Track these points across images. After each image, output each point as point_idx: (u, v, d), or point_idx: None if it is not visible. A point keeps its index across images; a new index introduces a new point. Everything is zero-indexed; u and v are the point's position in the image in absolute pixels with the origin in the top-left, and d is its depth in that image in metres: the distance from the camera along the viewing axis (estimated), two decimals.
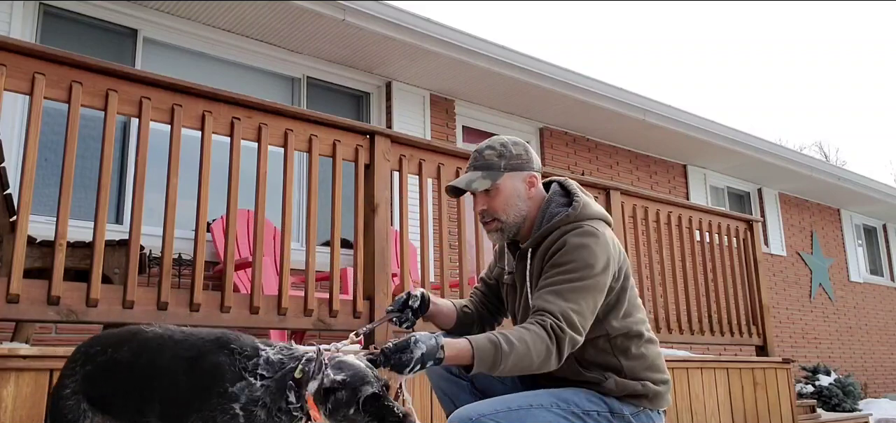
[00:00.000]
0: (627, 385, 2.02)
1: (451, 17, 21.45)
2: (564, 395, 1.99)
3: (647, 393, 2.03)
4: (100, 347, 1.79)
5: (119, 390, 1.74)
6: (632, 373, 2.04)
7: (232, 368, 1.67)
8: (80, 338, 4.41)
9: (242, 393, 1.65)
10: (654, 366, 2.08)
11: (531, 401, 1.95)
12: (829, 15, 51.72)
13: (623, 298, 2.05)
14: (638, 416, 2.03)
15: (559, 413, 1.95)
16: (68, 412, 1.73)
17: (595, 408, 1.99)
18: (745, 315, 5.12)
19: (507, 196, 2.07)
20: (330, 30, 5.63)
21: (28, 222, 2.43)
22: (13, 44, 2.50)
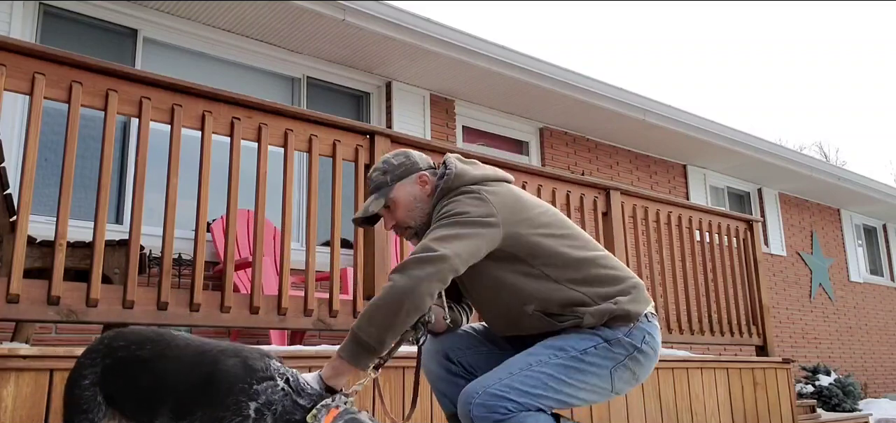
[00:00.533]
0: (602, 311, 1.99)
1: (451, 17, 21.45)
2: (559, 343, 1.99)
3: (622, 309, 2.01)
4: (123, 342, 1.78)
5: (134, 385, 1.73)
6: (600, 297, 2.02)
7: (259, 365, 1.68)
8: (80, 338, 4.41)
9: (264, 393, 1.64)
10: (614, 279, 2.06)
11: (530, 360, 1.96)
12: (830, 15, 51.73)
13: (548, 242, 2.03)
14: (631, 333, 2.02)
15: (560, 362, 1.96)
16: (84, 403, 1.73)
17: (591, 344, 1.99)
18: (745, 315, 5.12)
19: (406, 203, 2.14)
20: (330, 30, 5.63)
21: (28, 222, 2.43)
22: (13, 44, 2.50)
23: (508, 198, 2.06)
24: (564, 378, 1.95)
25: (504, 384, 1.92)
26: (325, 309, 3.12)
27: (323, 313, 3.11)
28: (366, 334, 1.83)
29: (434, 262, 1.86)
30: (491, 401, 1.90)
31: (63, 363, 2.31)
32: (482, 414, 1.90)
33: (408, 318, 1.85)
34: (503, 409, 1.90)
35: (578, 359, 1.97)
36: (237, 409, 1.62)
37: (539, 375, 1.94)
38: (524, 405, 1.91)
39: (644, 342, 2.03)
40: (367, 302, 3.20)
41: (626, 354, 2.01)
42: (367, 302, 1.91)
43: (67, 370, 2.27)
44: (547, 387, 1.94)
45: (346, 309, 3.18)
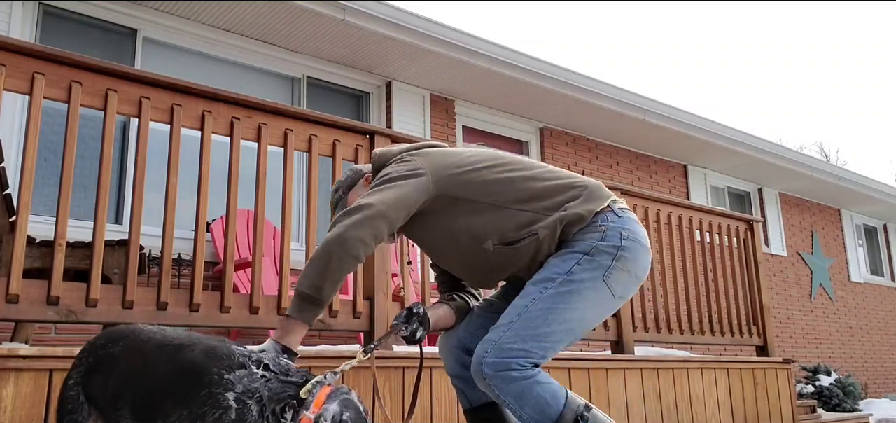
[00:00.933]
0: (554, 221, 1.99)
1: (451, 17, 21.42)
2: (543, 275, 1.99)
3: (574, 214, 2.00)
4: (104, 341, 1.77)
5: (105, 383, 1.70)
6: (548, 209, 2.02)
7: (230, 356, 1.63)
8: (80, 338, 4.41)
9: (240, 382, 1.59)
10: (560, 188, 2.05)
11: (524, 303, 1.96)
12: (830, 15, 51.72)
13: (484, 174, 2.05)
14: (606, 236, 1.99)
15: (552, 292, 1.95)
16: (69, 403, 1.72)
17: (573, 262, 1.97)
18: (746, 315, 5.11)
19: None
20: (330, 30, 5.63)
21: (28, 222, 2.43)
22: (13, 44, 2.49)
23: (433, 152, 2.13)
24: (563, 306, 1.94)
25: (509, 335, 1.92)
26: (325, 309, 3.11)
27: (323, 314, 3.10)
28: (303, 286, 1.88)
29: (360, 210, 1.92)
30: (502, 357, 1.90)
31: (62, 363, 2.31)
32: (496, 373, 1.89)
33: (341, 264, 1.88)
34: (516, 365, 1.89)
35: (568, 282, 1.95)
36: (215, 402, 1.56)
37: (537, 314, 1.93)
38: (534, 351, 1.91)
39: (624, 239, 2.00)
40: (366, 302, 3.22)
41: (612, 257, 1.98)
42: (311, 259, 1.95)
43: (67, 370, 2.28)
44: (550, 322, 1.93)
45: (346, 309, 3.18)
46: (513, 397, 1.90)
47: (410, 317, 2.11)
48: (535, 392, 1.89)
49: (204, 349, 1.65)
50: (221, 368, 1.60)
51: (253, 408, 1.59)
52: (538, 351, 1.93)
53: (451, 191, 2.03)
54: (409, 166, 2.04)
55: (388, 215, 1.93)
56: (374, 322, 3.19)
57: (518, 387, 1.89)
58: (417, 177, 2.01)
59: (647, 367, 4.12)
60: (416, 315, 2.11)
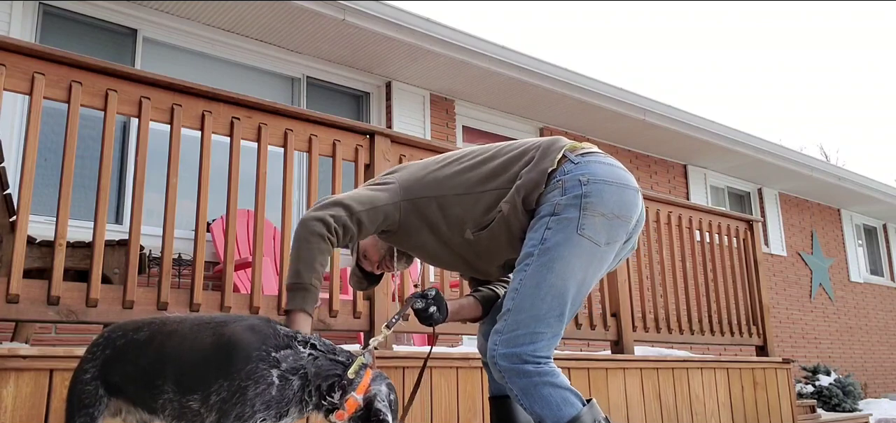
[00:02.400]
0: (513, 195, 1.98)
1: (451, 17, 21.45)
2: (522, 252, 1.97)
3: (529, 179, 1.98)
4: (121, 332, 1.80)
5: (132, 368, 1.73)
6: (507, 183, 2.02)
7: (276, 335, 1.69)
8: (80, 338, 4.40)
9: (285, 360, 1.66)
10: (514, 159, 2.05)
11: (514, 285, 1.96)
12: (830, 15, 51.71)
13: (446, 170, 2.11)
14: (565, 189, 1.93)
15: (535, 265, 1.91)
16: (86, 397, 1.73)
17: (542, 228, 1.93)
18: (746, 315, 5.11)
19: (373, 245, 2.29)
20: (330, 30, 5.63)
21: (28, 222, 2.43)
22: (13, 44, 2.49)
23: (402, 167, 2.21)
24: (549, 277, 1.89)
25: (510, 322, 1.92)
26: (326, 309, 3.11)
27: (323, 314, 3.10)
28: (287, 280, 1.96)
29: (324, 204, 2.02)
30: (512, 347, 1.89)
31: (63, 363, 2.31)
32: (510, 364, 1.90)
33: (307, 244, 1.94)
34: (528, 354, 1.88)
35: (544, 251, 1.90)
36: (259, 377, 1.62)
37: (528, 293, 1.90)
38: (539, 332, 1.89)
39: (584, 184, 1.92)
40: (366, 302, 3.22)
41: (577, 207, 1.91)
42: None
43: (67, 370, 2.28)
44: (542, 298, 1.89)
45: (347, 309, 3.18)
46: (521, 390, 1.89)
47: (426, 297, 2.17)
48: (545, 392, 1.86)
49: (248, 326, 1.71)
50: (269, 346, 1.66)
51: (295, 383, 1.66)
52: (545, 330, 1.89)
53: (421, 193, 2.08)
54: (380, 179, 2.17)
55: (347, 204, 2.01)
56: (374, 322, 3.19)
57: (529, 382, 1.87)
58: (387, 185, 2.11)
59: (647, 367, 4.12)
60: (432, 297, 2.17)
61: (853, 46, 51.28)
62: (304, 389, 1.68)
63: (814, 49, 52.31)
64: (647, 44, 52.29)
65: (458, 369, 3.24)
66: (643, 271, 4.48)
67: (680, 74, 49.97)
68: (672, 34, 52.83)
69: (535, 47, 44.96)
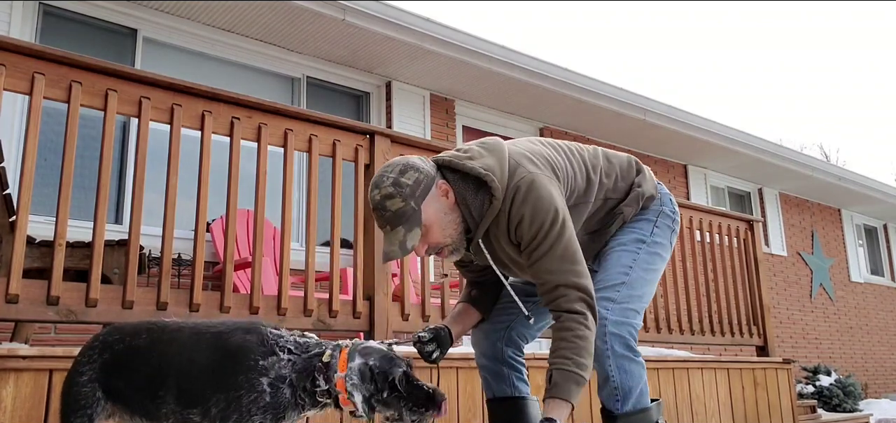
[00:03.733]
0: (634, 198, 2.19)
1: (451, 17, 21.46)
2: (631, 236, 2.17)
3: (647, 190, 2.22)
4: (119, 336, 1.79)
5: (135, 376, 1.73)
6: (622, 191, 2.21)
7: (262, 343, 1.70)
8: (80, 338, 4.39)
9: (273, 368, 1.68)
10: (624, 169, 2.24)
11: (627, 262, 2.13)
12: (830, 16, 51.71)
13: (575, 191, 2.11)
14: (661, 200, 2.27)
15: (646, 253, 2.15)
16: (83, 399, 1.72)
17: (651, 225, 2.20)
18: (746, 315, 5.11)
19: (439, 223, 1.94)
20: (330, 30, 5.62)
21: (27, 222, 2.42)
22: (13, 44, 2.49)
23: (538, 161, 2.01)
24: (653, 266, 2.17)
25: (623, 294, 2.07)
26: (325, 309, 3.11)
27: (323, 314, 3.10)
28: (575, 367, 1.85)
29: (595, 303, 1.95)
30: (623, 317, 2.04)
31: (62, 363, 2.31)
32: (618, 331, 2.02)
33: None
34: (634, 327, 2.06)
35: (653, 243, 2.18)
36: (250, 386, 1.65)
37: (640, 274, 2.11)
38: (639, 311, 2.10)
39: (673, 204, 2.32)
40: (366, 302, 3.21)
41: (672, 220, 2.27)
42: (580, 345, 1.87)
43: (67, 370, 2.28)
44: (647, 281, 2.14)
45: (346, 309, 3.18)
46: (617, 359, 2.00)
47: (425, 334, 2.08)
48: (638, 371, 2.03)
49: (242, 335, 1.73)
50: (257, 354, 1.69)
51: (285, 392, 1.68)
52: (641, 311, 2.12)
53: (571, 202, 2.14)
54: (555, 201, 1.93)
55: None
56: (373, 322, 3.19)
57: (629, 354, 2.02)
58: (564, 206, 1.97)
59: (648, 367, 4.10)
60: (437, 338, 2.08)
61: (853, 46, 51.30)
62: (295, 394, 1.69)
63: (814, 49, 52.34)
64: (647, 44, 52.32)
65: (458, 369, 3.23)
66: None
67: (680, 73, 50.00)
68: (672, 34, 52.85)
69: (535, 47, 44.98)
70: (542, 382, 3.56)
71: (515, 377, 2.29)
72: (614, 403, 1.98)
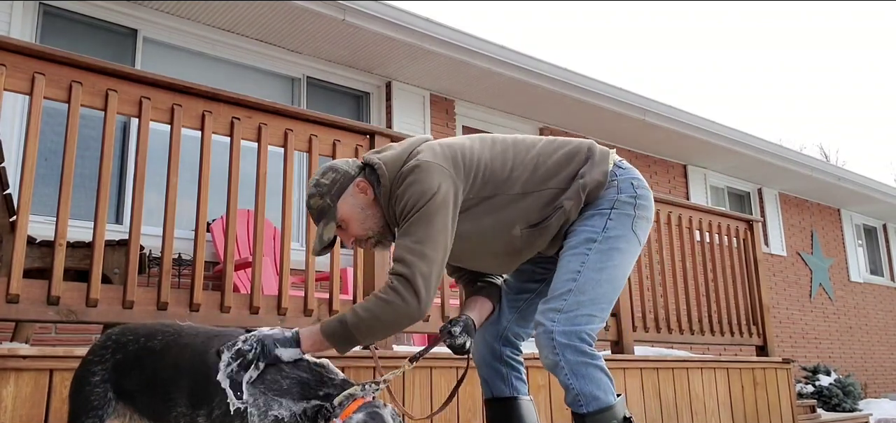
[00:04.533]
0: (576, 190, 2.05)
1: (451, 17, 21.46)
2: (582, 237, 2.05)
3: (592, 179, 2.06)
4: (132, 336, 1.77)
5: (152, 376, 1.72)
6: (566, 180, 2.07)
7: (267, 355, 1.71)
8: (80, 338, 4.38)
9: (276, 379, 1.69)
10: (569, 156, 2.10)
11: (575, 267, 2.01)
12: (830, 16, 51.73)
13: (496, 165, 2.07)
14: (621, 188, 2.10)
15: (597, 252, 2.02)
16: (94, 399, 1.71)
17: (604, 219, 2.06)
18: (746, 315, 5.11)
19: (356, 217, 2.05)
20: (330, 30, 5.63)
21: (28, 222, 2.43)
22: (13, 44, 2.49)
23: (442, 153, 2.05)
24: (609, 264, 2.03)
25: (571, 302, 1.99)
26: (326, 309, 3.11)
27: (323, 313, 3.10)
28: (357, 335, 1.87)
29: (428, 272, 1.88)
30: (572, 325, 1.97)
31: (63, 363, 2.31)
32: (569, 341, 1.96)
33: (393, 323, 1.89)
34: (586, 334, 1.98)
35: (607, 239, 2.04)
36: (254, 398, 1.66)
37: (591, 276, 2.01)
38: (595, 314, 2.00)
39: (636, 188, 2.13)
40: None
41: (632, 207, 2.10)
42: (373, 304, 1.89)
43: (67, 370, 2.28)
44: (602, 282, 2.02)
45: (346, 309, 3.17)
46: (572, 367, 1.95)
47: (457, 326, 2.09)
48: (597, 374, 1.97)
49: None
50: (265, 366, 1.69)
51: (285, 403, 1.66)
52: (598, 314, 2.02)
53: (474, 193, 2.04)
54: (433, 184, 1.94)
55: (443, 263, 1.94)
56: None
57: (583, 361, 1.96)
58: (447, 194, 1.96)
59: (647, 367, 4.12)
60: (463, 326, 2.09)
61: (853, 46, 51.31)
62: (293, 416, 1.67)
63: (814, 49, 52.35)
64: (647, 44, 52.32)
65: (457, 369, 3.23)
66: (643, 271, 4.48)
67: (680, 73, 50.01)
68: (672, 34, 52.86)
69: (535, 47, 44.99)
70: (542, 382, 3.58)
71: (514, 377, 2.30)
72: (579, 407, 1.97)
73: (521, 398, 2.29)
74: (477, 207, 2.04)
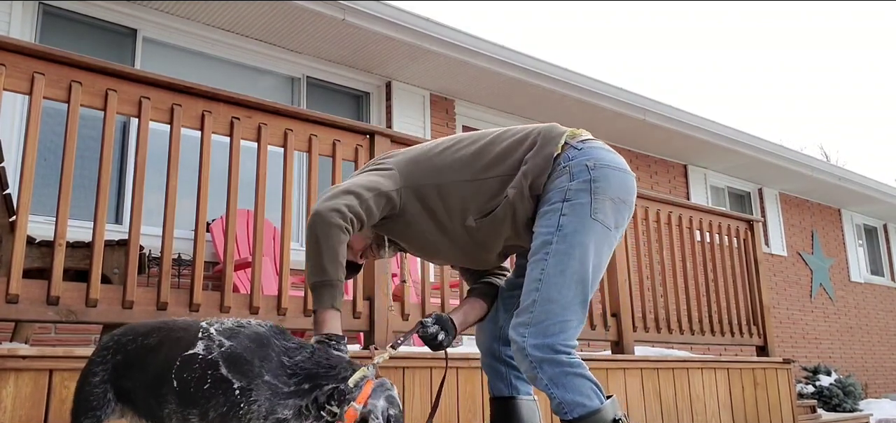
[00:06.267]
0: (520, 179, 1.98)
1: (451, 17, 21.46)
2: (538, 241, 1.96)
3: (534, 165, 1.98)
4: (132, 335, 1.78)
5: (144, 375, 1.71)
6: (511, 168, 2.00)
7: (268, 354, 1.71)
8: (80, 338, 4.38)
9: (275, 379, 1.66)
10: (516, 145, 2.03)
11: (536, 275, 1.94)
12: (830, 16, 51.71)
13: (444, 156, 2.08)
14: (574, 174, 1.95)
15: (555, 254, 1.91)
16: (94, 400, 1.72)
17: (556, 215, 1.93)
18: (746, 315, 5.11)
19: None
20: (330, 30, 5.62)
21: (27, 222, 2.42)
22: (13, 44, 2.49)
23: (399, 152, 2.16)
24: (571, 263, 1.91)
25: (538, 313, 1.91)
26: None
27: None
28: (310, 279, 1.91)
29: (335, 194, 1.95)
30: (543, 338, 1.90)
31: (62, 363, 2.31)
32: (543, 355, 1.90)
33: (326, 235, 1.88)
34: (560, 344, 1.90)
35: (563, 238, 1.91)
36: (253, 395, 1.64)
37: (553, 281, 1.91)
38: (568, 319, 1.91)
39: (592, 170, 1.95)
40: (366, 302, 3.21)
41: (587, 192, 1.93)
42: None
43: (67, 370, 2.28)
44: (567, 284, 1.91)
45: (346, 309, 3.17)
46: (551, 379, 1.90)
47: (429, 319, 2.11)
48: (577, 382, 1.90)
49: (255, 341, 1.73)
50: (261, 364, 1.67)
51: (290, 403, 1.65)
52: (572, 317, 1.92)
53: (419, 180, 2.04)
54: (376, 162, 2.14)
55: (357, 192, 1.96)
56: (374, 322, 3.19)
57: (561, 371, 1.89)
58: (385, 169, 2.07)
59: (647, 367, 4.12)
60: (436, 319, 2.11)
61: (853, 46, 51.29)
62: (302, 401, 1.66)
63: (814, 49, 52.32)
64: (647, 44, 52.31)
65: (458, 369, 3.23)
66: (643, 272, 4.48)
67: (680, 73, 49.99)
68: (672, 34, 52.84)
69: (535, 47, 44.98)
70: None
71: (513, 376, 2.29)
72: (564, 414, 1.93)
73: (520, 397, 2.29)
74: (427, 198, 2.04)
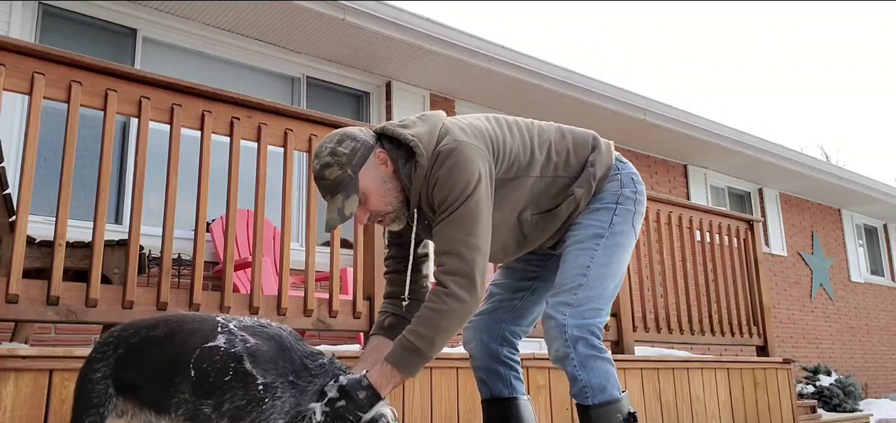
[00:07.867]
0: (587, 178, 2.09)
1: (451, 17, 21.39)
2: (589, 232, 2.07)
3: (601, 168, 2.11)
4: (134, 330, 1.77)
5: (149, 366, 1.71)
6: (576, 168, 2.11)
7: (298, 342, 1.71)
8: (80, 338, 4.38)
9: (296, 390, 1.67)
10: (578, 145, 2.14)
11: (584, 261, 2.04)
12: (830, 17, 51.70)
13: (515, 148, 2.04)
14: (623, 183, 2.15)
15: (605, 247, 2.06)
16: (95, 396, 1.70)
17: (610, 214, 2.09)
18: (746, 315, 5.11)
19: (378, 191, 1.96)
20: (330, 30, 5.62)
21: (27, 222, 2.42)
22: (13, 44, 2.49)
23: (471, 131, 1.99)
24: (615, 259, 2.08)
25: (582, 296, 2.02)
26: (325, 309, 3.11)
27: (323, 314, 3.10)
28: (425, 348, 1.81)
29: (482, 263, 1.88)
30: (584, 319, 2.01)
31: (62, 363, 2.31)
32: (581, 334, 2.00)
33: (454, 330, 1.87)
34: (596, 327, 2.03)
35: (613, 234, 2.08)
36: (276, 394, 1.65)
37: (600, 272, 2.04)
38: (603, 309, 2.06)
39: (635, 183, 2.18)
40: (366, 302, 3.21)
41: (633, 202, 2.14)
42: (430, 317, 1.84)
43: (67, 370, 2.28)
44: (610, 277, 2.07)
45: (346, 309, 3.17)
46: (582, 360, 1.99)
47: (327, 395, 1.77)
48: (606, 368, 2.02)
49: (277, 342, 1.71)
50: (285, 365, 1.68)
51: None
52: (604, 308, 2.06)
53: (501, 174, 2.02)
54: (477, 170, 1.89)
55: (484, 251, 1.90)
56: (373, 322, 3.18)
57: (594, 354, 2.00)
58: (487, 177, 1.93)
59: (647, 367, 4.12)
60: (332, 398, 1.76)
61: (853, 46, 51.28)
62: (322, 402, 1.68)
63: (814, 49, 52.32)
64: (647, 44, 52.31)
65: (458, 369, 3.23)
66: (643, 272, 4.47)
67: (680, 74, 49.99)
68: (672, 34, 52.84)
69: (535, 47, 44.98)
70: (542, 382, 3.57)
71: (513, 377, 2.29)
72: (585, 398, 2.00)
73: (520, 397, 2.29)
74: (498, 191, 2.01)
